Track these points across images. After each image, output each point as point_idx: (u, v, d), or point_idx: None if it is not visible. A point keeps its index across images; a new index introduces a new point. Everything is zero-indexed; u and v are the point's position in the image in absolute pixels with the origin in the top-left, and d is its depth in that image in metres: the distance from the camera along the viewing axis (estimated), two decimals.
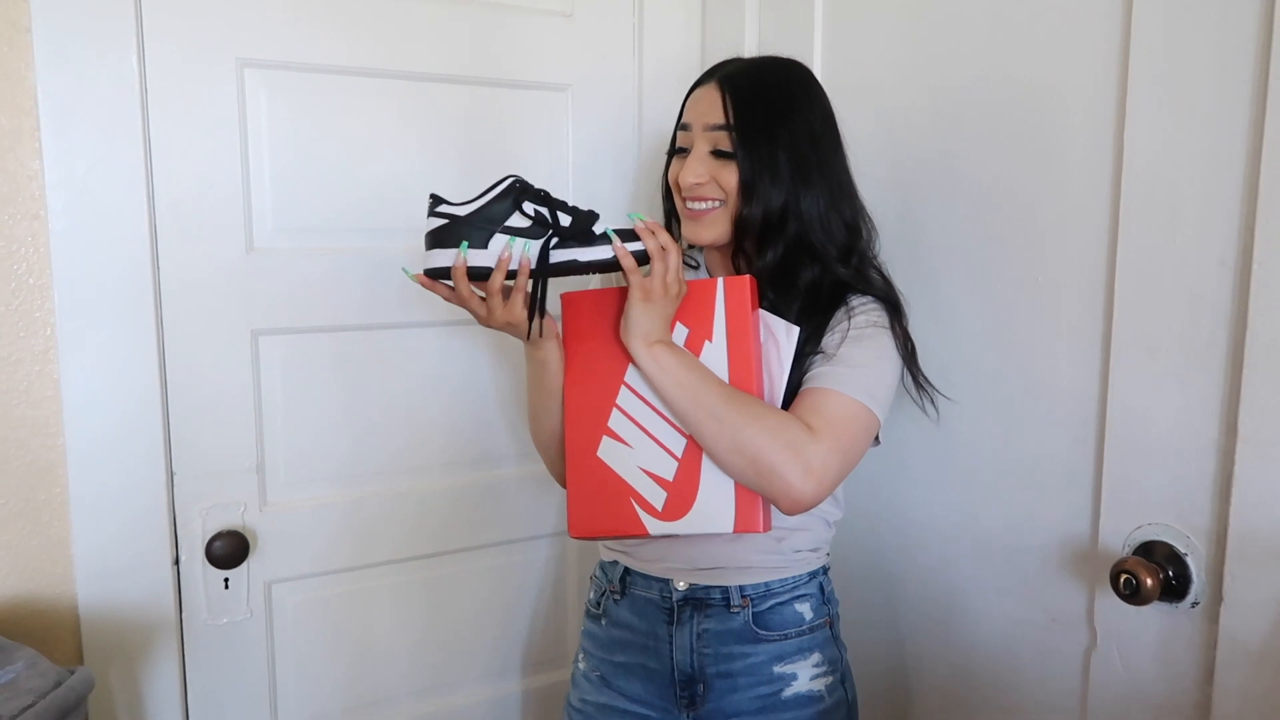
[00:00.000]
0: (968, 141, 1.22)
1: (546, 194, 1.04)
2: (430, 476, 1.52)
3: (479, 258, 1.02)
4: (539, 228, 1.02)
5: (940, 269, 1.27)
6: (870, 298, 1.14)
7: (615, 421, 1.11)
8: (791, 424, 1.03)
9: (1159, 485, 1.02)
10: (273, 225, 1.35)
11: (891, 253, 1.23)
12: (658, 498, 1.09)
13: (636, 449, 1.10)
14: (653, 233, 1.02)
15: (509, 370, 1.55)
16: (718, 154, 1.11)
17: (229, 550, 1.34)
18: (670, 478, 1.09)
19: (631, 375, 1.10)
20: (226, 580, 1.37)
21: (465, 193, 1.45)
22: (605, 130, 1.58)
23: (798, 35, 1.46)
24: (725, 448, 1.03)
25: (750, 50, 1.53)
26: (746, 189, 1.10)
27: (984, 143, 1.20)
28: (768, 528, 1.08)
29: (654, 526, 1.09)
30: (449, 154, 1.45)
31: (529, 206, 1.02)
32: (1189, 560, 1.00)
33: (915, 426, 1.29)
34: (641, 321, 1.04)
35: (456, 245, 1.02)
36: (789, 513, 1.05)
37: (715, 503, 1.08)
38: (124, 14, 1.21)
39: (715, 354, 1.07)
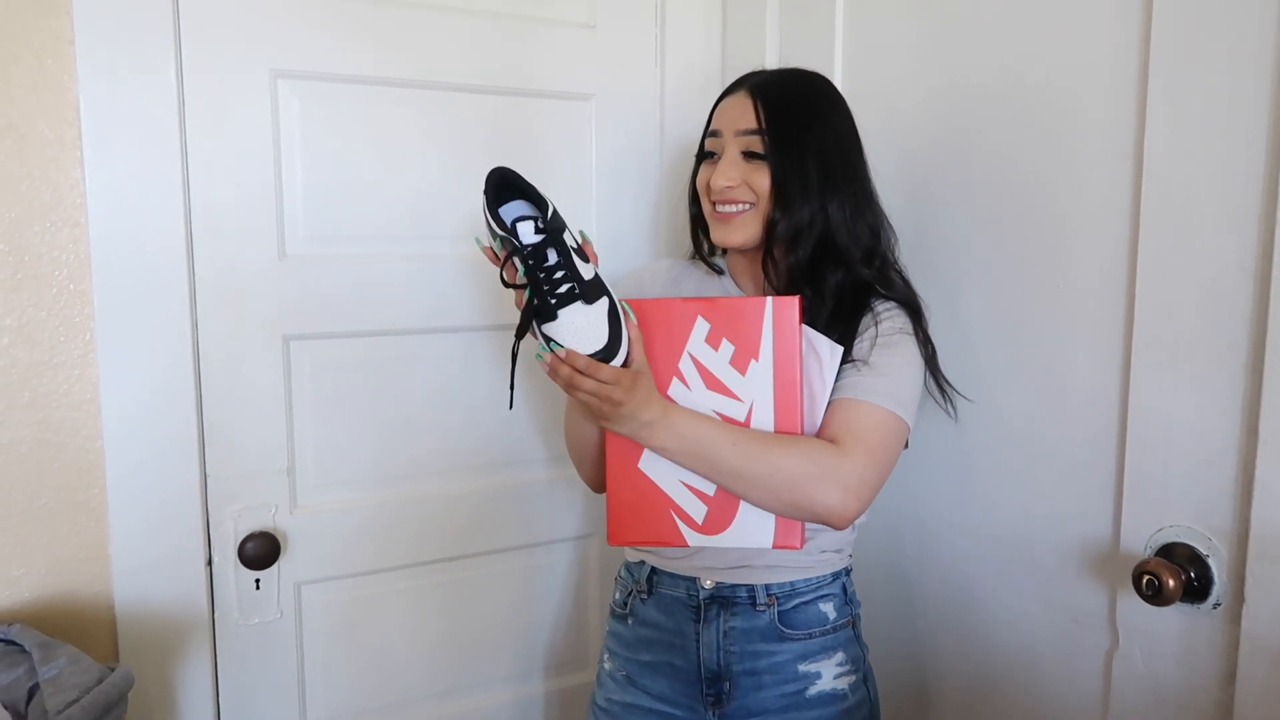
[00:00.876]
0: (987, 145, 1.24)
1: (532, 264, 1.00)
2: (456, 480, 1.54)
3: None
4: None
5: (960, 271, 1.28)
6: (893, 303, 1.16)
7: None
8: (817, 450, 1.05)
9: (1180, 487, 1.03)
10: (304, 232, 1.38)
11: (911, 255, 1.25)
12: (698, 511, 1.10)
13: None
14: (557, 371, 1.00)
15: (534, 375, 1.57)
16: (749, 156, 1.13)
17: (260, 551, 1.37)
18: (711, 493, 1.09)
19: (674, 389, 1.09)
20: (258, 581, 1.40)
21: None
22: (628, 139, 1.60)
23: (818, 43, 1.48)
24: (760, 498, 1.06)
25: (771, 58, 1.55)
26: (779, 191, 1.12)
27: (1003, 146, 1.22)
28: (803, 544, 1.10)
29: (693, 539, 1.11)
30: (475, 162, 1.47)
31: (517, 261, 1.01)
32: (1210, 562, 1.00)
33: (935, 428, 1.31)
34: (621, 429, 1.06)
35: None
36: (840, 529, 1.09)
37: (755, 520, 1.09)
38: (163, 27, 1.25)
39: (761, 372, 1.08)
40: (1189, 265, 1.00)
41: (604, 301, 1.01)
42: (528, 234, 0.99)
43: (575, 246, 1.02)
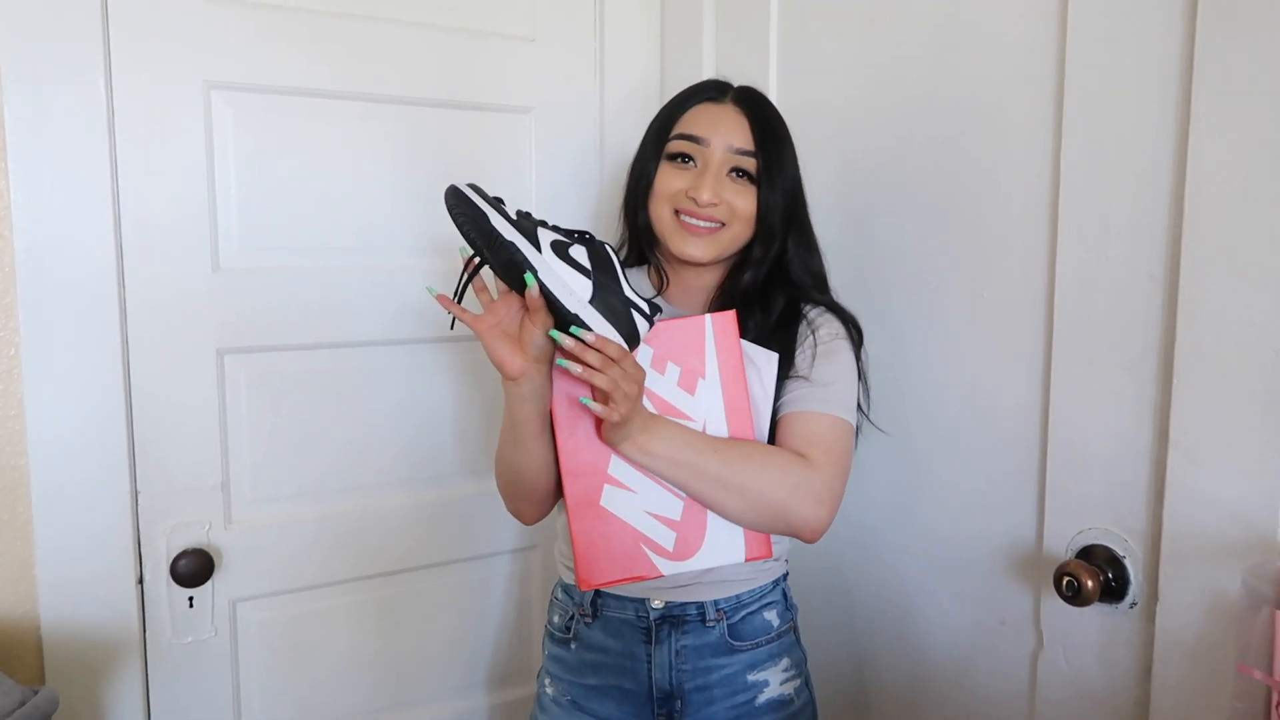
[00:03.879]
0: (916, 160, 1.27)
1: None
2: (395, 493, 1.53)
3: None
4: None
5: (891, 283, 1.31)
6: (822, 306, 1.18)
7: (615, 468, 1.08)
8: (791, 463, 1.06)
9: (1098, 490, 1.07)
10: (239, 245, 1.37)
11: (842, 273, 1.27)
12: (667, 539, 1.08)
13: (640, 493, 1.08)
14: (598, 351, 0.96)
15: (471, 387, 1.57)
16: (734, 175, 1.14)
17: (194, 568, 1.34)
18: (678, 517, 1.08)
19: None
20: (191, 599, 1.37)
21: (430, 213, 1.46)
22: (568, 153, 1.61)
23: (753, 61, 1.50)
24: (737, 508, 1.06)
25: (709, 73, 1.57)
26: (762, 218, 1.14)
27: (931, 161, 1.25)
28: (773, 552, 1.11)
29: (667, 567, 1.09)
30: (413, 174, 1.48)
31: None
32: (1127, 562, 1.04)
33: (869, 439, 1.33)
34: (619, 428, 1.02)
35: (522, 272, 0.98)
36: (810, 542, 1.09)
37: (725, 536, 1.09)
38: (91, 35, 1.23)
39: (709, 390, 1.08)
40: (1103, 276, 1.04)
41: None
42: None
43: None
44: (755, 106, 1.16)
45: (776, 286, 1.18)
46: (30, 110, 1.20)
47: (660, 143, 1.18)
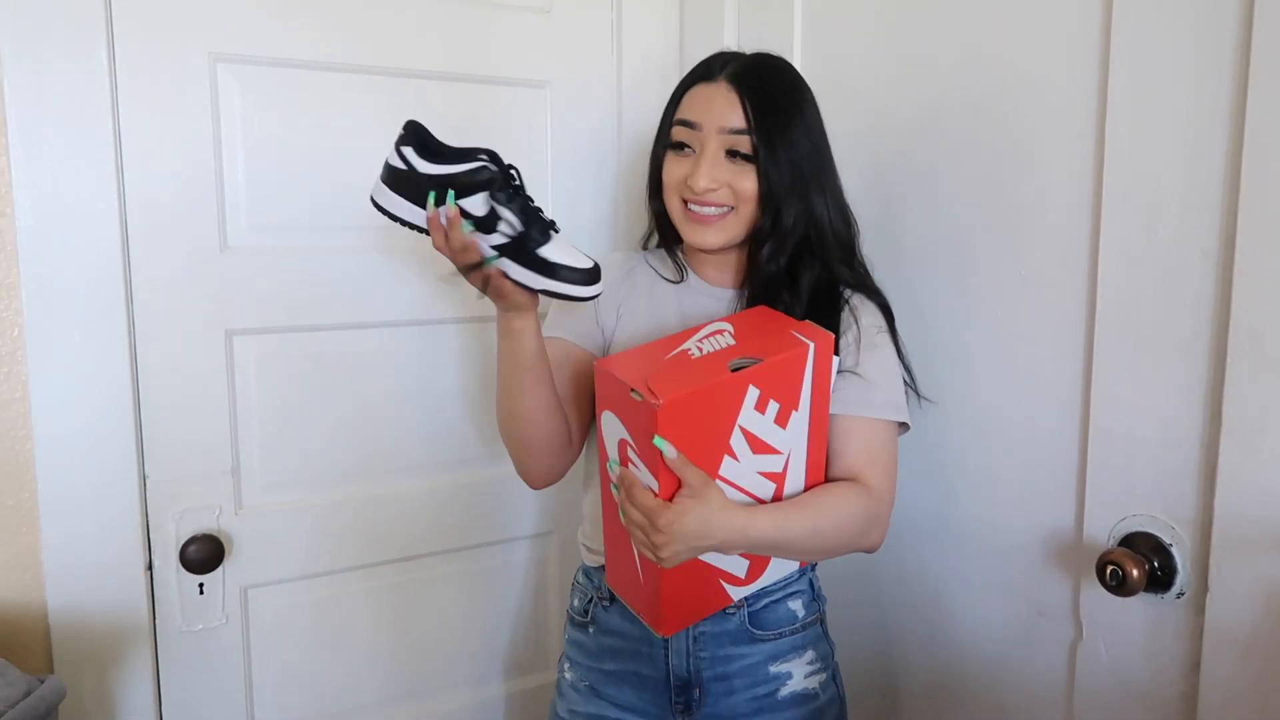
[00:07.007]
0: (948, 135, 1.22)
1: (516, 188, 0.98)
2: (409, 478, 1.50)
3: (412, 213, 1.00)
4: (488, 222, 0.96)
5: (923, 261, 1.26)
6: (862, 293, 1.15)
7: None
8: (860, 503, 1.06)
9: (1143, 476, 1.02)
10: (247, 223, 1.33)
11: (872, 248, 1.23)
12: (740, 568, 1.07)
13: None
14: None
15: (487, 369, 1.54)
16: (732, 155, 1.09)
17: (204, 554, 1.32)
18: None
19: (725, 466, 1.00)
20: (201, 585, 1.35)
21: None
22: (585, 128, 1.56)
23: (777, 33, 1.45)
24: (814, 553, 1.12)
25: (730, 45, 1.52)
26: (766, 196, 1.09)
27: (964, 136, 1.20)
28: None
29: (736, 593, 1.10)
30: None
31: (483, 199, 0.96)
32: (1174, 551, 0.99)
33: None
34: (681, 552, 0.97)
35: (408, 196, 1.00)
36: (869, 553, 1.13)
37: None
38: (93, 7, 1.18)
39: (799, 421, 1.03)
40: (1151, 252, 0.99)
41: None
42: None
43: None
44: (748, 81, 1.09)
45: (804, 261, 1.13)
46: (31, 85, 1.16)
47: (667, 130, 1.15)
